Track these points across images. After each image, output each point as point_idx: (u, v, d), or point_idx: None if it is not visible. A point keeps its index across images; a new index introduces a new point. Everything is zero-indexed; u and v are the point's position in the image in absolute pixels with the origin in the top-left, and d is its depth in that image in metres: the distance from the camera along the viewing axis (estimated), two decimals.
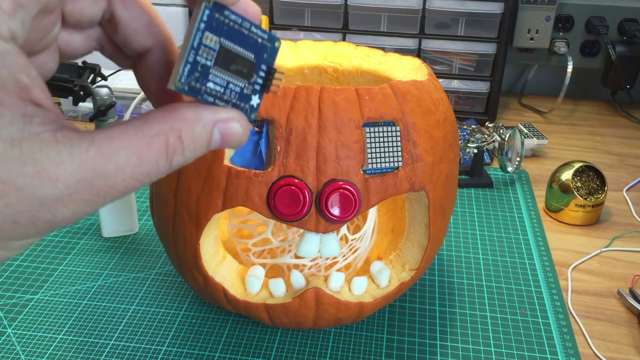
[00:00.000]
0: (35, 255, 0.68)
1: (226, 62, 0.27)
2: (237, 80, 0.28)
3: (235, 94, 0.28)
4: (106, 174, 0.23)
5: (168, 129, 0.25)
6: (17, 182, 0.21)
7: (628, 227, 0.78)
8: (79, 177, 0.22)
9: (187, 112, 0.25)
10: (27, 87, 0.22)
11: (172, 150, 0.25)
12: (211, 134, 0.26)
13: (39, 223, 0.22)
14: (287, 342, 0.57)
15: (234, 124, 0.27)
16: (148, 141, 0.24)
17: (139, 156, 0.24)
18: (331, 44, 0.66)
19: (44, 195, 0.22)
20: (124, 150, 0.23)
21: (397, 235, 0.61)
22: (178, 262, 0.53)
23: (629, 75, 1.09)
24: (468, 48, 0.99)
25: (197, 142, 0.26)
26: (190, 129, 0.25)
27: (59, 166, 0.22)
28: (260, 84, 0.29)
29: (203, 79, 0.26)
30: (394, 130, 0.48)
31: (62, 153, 0.22)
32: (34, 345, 0.56)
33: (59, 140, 0.22)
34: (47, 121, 0.22)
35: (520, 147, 0.86)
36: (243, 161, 0.48)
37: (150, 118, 0.25)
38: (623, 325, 0.61)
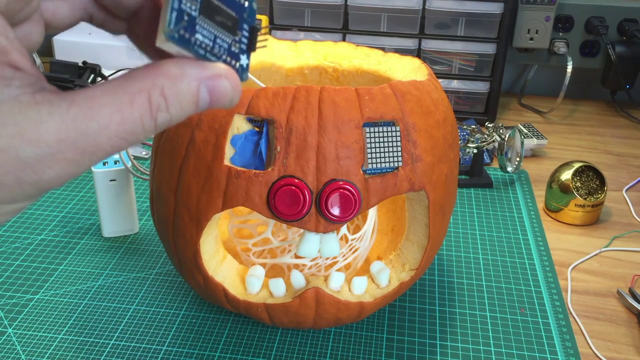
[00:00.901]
0: (35, 255, 0.68)
1: (210, 12, 0.26)
2: (224, 35, 0.27)
3: (224, 50, 0.27)
4: (89, 132, 0.23)
5: (150, 85, 0.24)
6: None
7: (628, 227, 0.78)
8: (61, 137, 0.22)
9: (171, 68, 0.25)
10: (5, 49, 0.22)
11: (155, 107, 0.24)
12: (197, 92, 0.25)
13: (25, 184, 0.22)
14: (287, 342, 0.57)
15: (222, 81, 0.26)
16: (130, 98, 0.23)
17: (122, 113, 0.23)
18: (331, 44, 0.66)
19: (26, 156, 0.22)
20: (106, 108, 0.23)
21: (397, 235, 0.61)
22: (178, 262, 0.53)
23: (629, 76, 1.09)
24: (468, 48, 0.99)
25: (182, 99, 0.25)
26: (174, 85, 0.24)
27: (39, 126, 0.22)
28: (246, 43, 0.28)
29: (191, 29, 0.26)
30: (393, 130, 0.48)
31: (42, 113, 0.22)
32: (34, 345, 0.56)
33: (38, 101, 0.22)
34: (25, 83, 0.22)
35: (520, 147, 0.86)
36: (243, 161, 0.48)
37: (132, 76, 0.24)
38: (623, 325, 0.61)
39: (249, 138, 0.48)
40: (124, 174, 0.69)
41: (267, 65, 0.64)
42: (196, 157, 0.48)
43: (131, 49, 1.17)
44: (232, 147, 0.48)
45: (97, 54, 1.14)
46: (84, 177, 0.84)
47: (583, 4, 1.09)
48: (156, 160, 0.53)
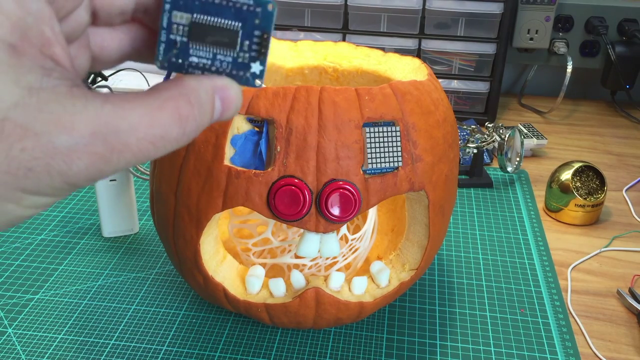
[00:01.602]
0: (35, 255, 0.68)
1: (201, 35, 0.27)
2: (224, 51, 0.28)
3: (228, 64, 0.28)
4: (119, 130, 0.23)
5: (177, 94, 0.26)
6: (35, 127, 0.21)
7: (627, 227, 0.78)
8: (93, 130, 0.23)
9: (191, 82, 0.27)
10: (49, 41, 0.23)
11: (185, 115, 0.25)
12: (213, 101, 0.27)
13: (54, 173, 0.22)
14: (287, 342, 0.57)
15: (231, 91, 0.28)
16: (160, 104, 0.25)
17: (152, 117, 0.24)
18: (331, 44, 0.66)
19: (59, 143, 0.22)
20: (136, 110, 0.24)
21: (397, 235, 0.61)
22: (178, 262, 0.53)
23: (629, 76, 1.09)
24: (468, 48, 0.99)
25: (203, 107, 0.26)
26: (197, 94, 0.26)
27: (74, 116, 0.22)
28: (256, 50, 0.28)
29: (184, 54, 0.28)
30: (393, 130, 0.48)
31: (77, 105, 0.22)
32: (34, 345, 0.56)
33: (75, 94, 0.23)
34: (64, 77, 0.23)
35: (519, 147, 0.86)
36: (243, 161, 0.48)
37: (159, 87, 0.26)
38: (623, 325, 0.61)
39: (249, 138, 0.48)
40: (124, 174, 0.69)
41: (267, 65, 0.64)
42: (196, 157, 0.48)
43: None
44: (232, 147, 0.48)
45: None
46: None
47: (583, 4, 1.09)
48: (156, 160, 0.53)
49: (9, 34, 0.21)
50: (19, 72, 0.22)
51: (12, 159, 0.21)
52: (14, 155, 0.21)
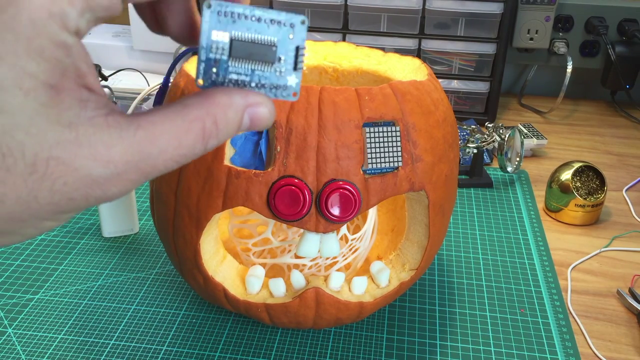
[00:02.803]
0: (35, 255, 0.68)
1: (241, 52, 0.29)
2: (262, 66, 0.29)
3: (266, 79, 0.29)
4: (150, 156, 0.25)
5: (205, 114, 0.27)
6: (75, 163, 0.24)
7: (627, 227, 0.78)
8: (127, 159, 0.25)
9: (222, 98, 0.27)
10: (84, 74, 0.25)
11: (207, 134, 0.27)
12: (242, 118, 0.28)
13: (91, 199, 0.25)
14: (287, 342, 0.57)
15: (263, 108, 0.29)
16: (187, 126, 0.26)
17: (179, 140, 0.26)
18: (331, 44, 0.66)
19: (97, 175, 0.24)
20: (166, 134, 0.26)
21: (397, 235, 0.61)
22: (178, 262, 0.53)
23: (629, 76, 1.09)
24: (468, 48, 0.99)
25: (229, 126, 0.28)
26: (224, 114, 0.27)
27: (110, 149, 0.24)
28: (292, 63, 0.30)
29: (223, 72, 0.29)
30: (393, 130, 0.48)
31: (113, 137, 0.24)
32: (34, 345, 0.56)
33: (110, 124, 0.24)
34: (99, 106, 0.25)
35: (519, 147, 0.86)
36: (243, 161, 0.48)
37: (188, 103, 0.27)
38: (623, 325, 0.61)
39: (249, 138, 0.48)
40: None
41: None
42: None
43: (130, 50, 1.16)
44: (232, 147, 0.48)
45: (97, 54, 1.14)
46: None
47: (583, 4, 1.09)
48: None
49: (50, 76, 0.23)
50: (59, 110, 0.23)
51: (54, 193, 0.24)
52: (56, 190, 0.24)
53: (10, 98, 0.22)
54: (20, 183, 0.23)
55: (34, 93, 0.23)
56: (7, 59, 0.22)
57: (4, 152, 0.23)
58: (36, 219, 0.24)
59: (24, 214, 0.24)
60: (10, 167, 0.23)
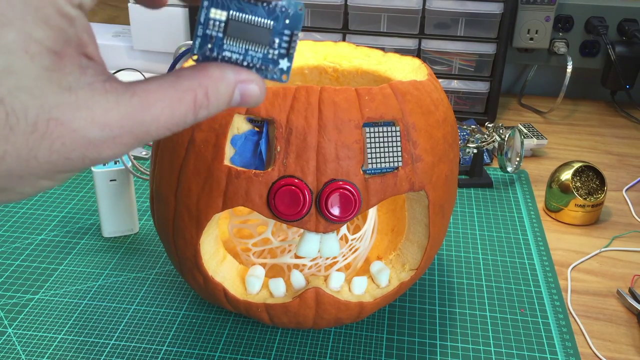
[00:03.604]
0: (35, 255, 0.68)
1: (236, 31, 0.30)
2: (256, 47, 0.30)
3: (258, 59, 0.30)
4: (144, 122, 0.27)
5: (197, 86, 0.28)
6: (73, 124, 0.25)
7: (628, 227, 0.78)
8: (123, 124, 0.26)
9: (214, 72, 0.29)
10: (85, 43, 0.26)
11: (199, 105, 0.28)
12: (233, 93, 0.29)
13: (87, 160, 0.26)
14: (287, 342, 0.57)
15: (254, 85, 0.30)
16: (180, 95, 0.28)
17: (172, 108, 0.27)
18: (331, 44, 0.66)
19: (94, 137, 0.26)
20: (159, 103, 0.27)
21: (397, 235, 0.61)
22: (178, 262, 0.53)
23: (629, 76, 1.09)
24: (468, 48, 0.99)
25: (220, 99, 0.29)
26: (216, 87, 0.29)
27: (107, 113, 0.26)
28: (286, 47, 0.31)
29: (218, 48, 0.30)
30: (393, 130, 0.48)
31: (110, 101, 0.26)
32: (34, 345, 0.56)
33: (108, 89, 0.26)
34: (98, 72, 0.26)
35: (520, 147, 0.86)
36: (243, 161, 0.48)
37: (182, 75, 0.28)
38: (622, 325, 0.61)
39: (249, 138, 0.48)
40: (124, 174, 0.69)
41: None
42: (196, 157, 0.48)
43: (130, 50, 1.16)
44: (232, 147, 0.48)
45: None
46: (84, 177, 0.84)
47: (583, 4, 1.09)
48: (156, 160, 0.53)
49: (54, 43, 0.25)
50: (61, 74, 0.25)
51: (53, 152, 0.25)
52: (55, 149, 0.25)
53: (17, 60, 0.24)
54: (21, 141, 0.24)
55: (38, 57, 0.24)
56: (16, 24, 0.24)
57: (7, 112, 0.24)
58: (34, 176, 0.25)
59: (23, 172, 0.25)
60: (14, 125, 0.24)
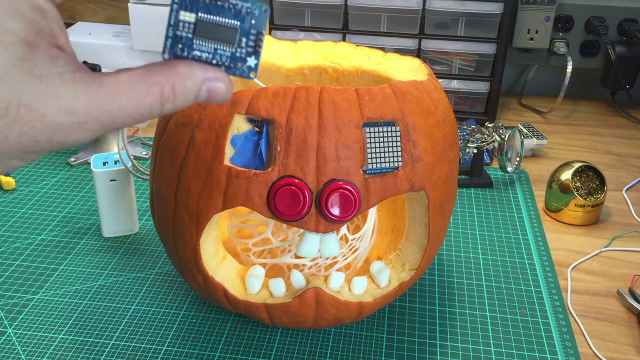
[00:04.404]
0: (35, 255, 0.68)
1: (205, 32, 0.31)
2: (224, 46, 0.32)
3: (227, 58, 0.32)
4: (110, 111, 0.28)
5: (164, 81, 0.30)
6: (42, 110, 0.27)
7: (628, 227, 0.78)
8: (89, 112, 0.28)
9: (183, 68, 0.30)
10: (56, 34, 0.28)
11: (165, 98, 0.30)
12: (200, 89, 0.31)
13: (54, 143, 0.28)
14: (287, 342, 0.57)
15: (220, 83, 0.31)
16: (147, 89, 0.29)
17: (138, 100, 0.29)
18: (331, 44, 0.66)
19: (61, 123, 0.27)
20: (126, 95, 0.29)
21: (397, 235, 0.61)
22: (178, 262, 0.53)
23: (629, 76, 1.09)
24: (468, 48, 0.99)
25: (187, 94, 0.30)
26: (182, 83, 0.30)
27: (75, 101, 0.27)
28: (252, 46, 0.32)
29: (188, 48, 0.31)
30: (393, 130, 0.48)
31: (78, 91, 0.27)
32: (34, 345, 0.56)
33: (77, 79, 0.28)
34: (68, 63, 0.28)
35: (520, 147, 0.86)
36: (243, 161, 0.48)
37: (151, 69, 0.30)
38: (623, 325, 0.61)
39: (249, 138, 0.48)
40: (124, 174, 0.69)
41: (267, 65, 0.64)
42: (196, 157, 0.48)
43: (130, 50, 1.16)
44: (232, 147, 0.48)
45: (97, 54, 1.14)
46: (84, 177, 0.84)
47: (583, 4, 1.08)
48: (156, 160, 0.53)
49: (27, 34, 0.26)
50: (33, 64, 0.27)
51: (22, 135, 0.27)
52: (24, 132, 0.27)
53: None
54: None
55: (11, 47, 0.26)
56: None
57: None
58: (5, 156, 0.27)
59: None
60: None
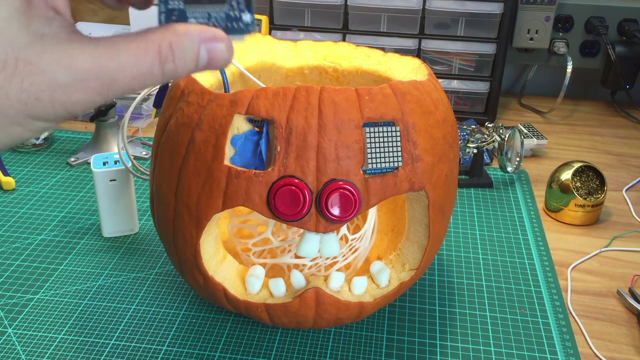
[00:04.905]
0: (35, 255, 0.68)
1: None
2: (217, 8, 0.32)
3: (222, 19, 0.32)
4: (109, 69, 0.28)
5: (161, 39, 0.29)
6: (41, 65, 0.26)
7: (627, 227, 0.78)
8: (88, 68, 0.27)
9: (179, 27, 0.30)
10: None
11: (164, 57, 0.29)
12: (199, 50, 0.30)
13: (56, 102, 0.27)
14: (287, 342, 0.57)
15: (219, 43, 0.31)
16: (145, 46, 0.29)
17: (137, 57, 0.29)
18: (331, 44, 0.66)
19: (61, 79, 0.27)
20: (124, 52, 0.28)
21: (397, 235, 0.61)
22: (178, 262, 0.53)
23: (629, 76, 1.09)
24: (468, 48, 0.99)
25: (186, 54, 0.30)
26: (180, 41, 0.30)
27: (72, 58, 0.27)
28: (244, 2, 0.32)
29: (182, 19, 0.31)
30: (393, 130, 0.48)
31: (74, 48, 0.27)
32: (34, 345, 0.56)
33: (72, 39, 0.28)
34: (63, 24, 0.28)
35: (520, 147, 0.86)
36: (243, 161, 0.48)
37: (148, 30, 0.30)
38: (622, 325, 0.61)
39: (249, 138, 0.48)
40: (124, 174, 0.69)
41: (267, 65, 0.64)
42: (196, 157, 0.48)
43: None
44: (232, 147, 0.48)
45: None
46: (84, 177, 0.84)
47: (583, 4, 1.09)
48: (156, 160, 0.53)
49: None
50: (29, 20, 0.27)
51: (23, 91, 0.26)
52: (24, 88, 0.26)
53: None
54: None
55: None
56: None
57: None
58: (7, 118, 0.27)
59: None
60: None
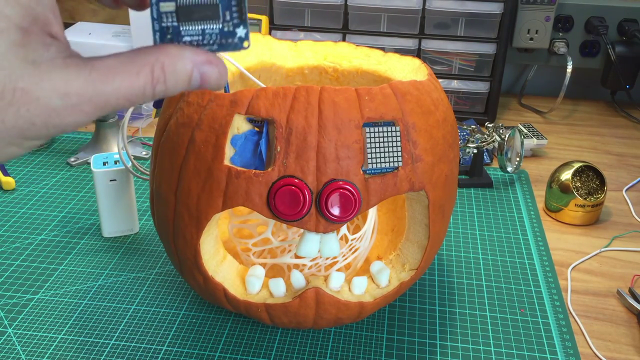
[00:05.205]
0: (35, 255, 0.68)
1: (188, 15, 0.31)
2: (210, 24, 0.32)
3: (216, 35, 0.32)
4: (103, 93, 0.29)
5: (154, 60, 0.30)
6: (36, 93, 0.28)
7: (627, 227, 0.78)
8: (82, 93, 0.28)
9: (172, 49, 0.31)
10: (50, 22, 0.29)
11: (156, 79, 0.30)
12: (191, 73, 0.31)
13: (50, 126, 0.29)
14: (287, 342, 0.57)
15: (212, 67, 0.32)
16: (137, 70, 0.30)
17: (130, 82, 0.29)
18: (331, 44, 0.66)
19: (55, 105, 0.28)
20: (118, 76, 0.29)
21: (397, 235, 0.61)
22: (178, 262, 0.53)
23: (629, 76, 1.09)
24: (468, 48, 0.99)
25: (177, 76, 0.31)
26: (172, 63, 0.30)
27: (67, 83, 0.28)
28: (237, 16, 0.32)
29: (177, 36, 0.32)
30: (393, 130, 0.48)
31: (70, 74, 0.28)
32: (34, 345, 0.56)
33: (68, 64, 0.29)
34: (60, 50, 0.29)
35: (520, 147, 0.86)
36: (243, 161, 0.48)
37: (141, 51, 0.30)
38: (622, 325, 0.61)
39: (249, 138, 0.48)
40: (124, 174, 0.69)
41: (267, 65, 0.64)
42: (196, 157, 0.48)
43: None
44: (232, 147, 0.48)
45: (97, 54, 1.14)
46: (84, 177, 0.84)
47: (583, 4, 1.08)
48: (156, 160, 0.53)
49: (22, 20, 0.27)
50: (27, 50, 0.28)
51: (19, 117, 0.28)
52: (21, 115, 0.28)
53: None
54: None
55: (7, 33, 0.27)
56: None
57: None
58: (2, 141, 0.28)
59: None
60: None
